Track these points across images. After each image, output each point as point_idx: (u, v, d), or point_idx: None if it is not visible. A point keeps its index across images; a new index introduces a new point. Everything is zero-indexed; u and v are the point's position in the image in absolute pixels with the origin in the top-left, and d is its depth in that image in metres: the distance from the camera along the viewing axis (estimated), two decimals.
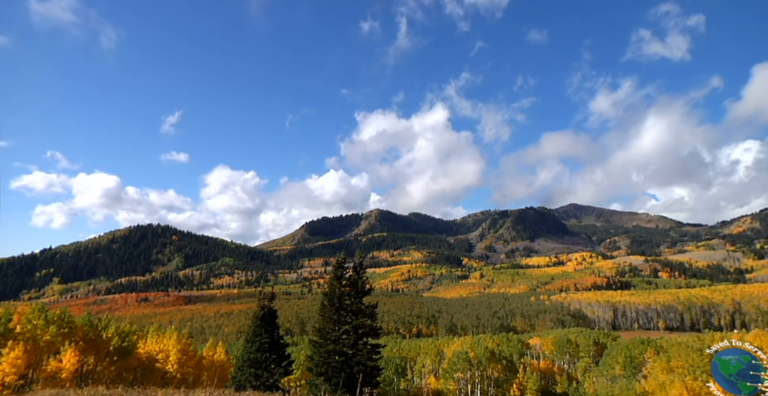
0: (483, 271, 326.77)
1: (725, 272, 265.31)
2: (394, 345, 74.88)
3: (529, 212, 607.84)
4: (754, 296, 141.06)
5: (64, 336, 27.26)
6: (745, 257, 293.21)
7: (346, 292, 21.84)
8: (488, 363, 58.23)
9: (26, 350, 24.58)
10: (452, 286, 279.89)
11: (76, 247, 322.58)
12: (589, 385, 53.61)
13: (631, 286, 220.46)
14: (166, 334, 36.11)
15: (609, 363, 53.27)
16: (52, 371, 26.26)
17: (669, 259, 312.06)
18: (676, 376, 33.41)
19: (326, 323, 21.57)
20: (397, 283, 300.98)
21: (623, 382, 45.30)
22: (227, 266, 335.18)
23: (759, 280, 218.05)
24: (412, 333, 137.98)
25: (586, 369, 66.58)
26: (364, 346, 20.86)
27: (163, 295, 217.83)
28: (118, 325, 32.85)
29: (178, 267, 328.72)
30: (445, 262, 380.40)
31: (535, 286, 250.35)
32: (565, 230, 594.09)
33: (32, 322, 26.17)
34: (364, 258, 29.17)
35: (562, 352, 77.21)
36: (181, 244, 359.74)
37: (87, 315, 30.68)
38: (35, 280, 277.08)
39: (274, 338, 23.37)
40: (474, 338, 77.55)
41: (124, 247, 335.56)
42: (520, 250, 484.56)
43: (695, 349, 36.04)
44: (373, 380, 20.77)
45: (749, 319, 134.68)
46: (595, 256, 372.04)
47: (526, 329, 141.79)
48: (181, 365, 34.33)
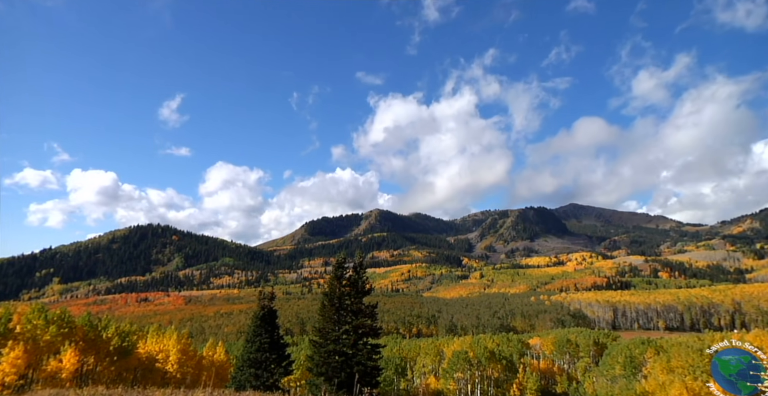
0: (483, 271, 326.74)
1: (725, 272, 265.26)
2: (394, 345, 74.83)
3: (529, 212, 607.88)
4: (754, 296, 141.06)
5: (64, 336, 27.26)
6: (745, 257, 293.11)
7: (346, 292, 21.84)
8: (488, 363, 58.20)
9: (26, 350, 24.58)
10: (452, 286, 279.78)
11: (76, 247, 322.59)
12: (589, 385, 53.56)
13: (631, 286, 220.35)
14: (166, 334, 36.10)
15: (609, 363, 53.24)
16: (52, 371, 26.25)
17: (669, 259, 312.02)
18: (676, 376, 33.41)
19: (326, 323, 21.57)
20: (397, 283, 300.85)
21: (623, 382, 45.29)
22: (227, 266, 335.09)
23: (759, 280, 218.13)
24: (412, 333, 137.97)
25: (586, 369, 66.58)
26: (364, 346, 20.85)
27: (163, 295, 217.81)
28: (118, 325, 32.86)
29: (178, 267, 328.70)
30: (445, 262, 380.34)
31: (535, 286, 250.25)
32: (565, 230, 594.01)
33: (32, 322, 26.18)
34: (364, 258, 29.01)
35: (562, 352, 77.18)
36: (181, 244, 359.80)
37: (87, 315, 30.68)
38: (35, 280, 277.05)
39: (274, 338, 23.39)
40: (474, 338, 77.43)
41: (124, 247, 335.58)
42: (520, 250, 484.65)
43: (695, 349, 36.05)
44: (373, 380, 20.76)
45: (749, 319, 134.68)
46: (595, 256, 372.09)
47: (526, 329, 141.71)
48: (181, 365, 34.34)
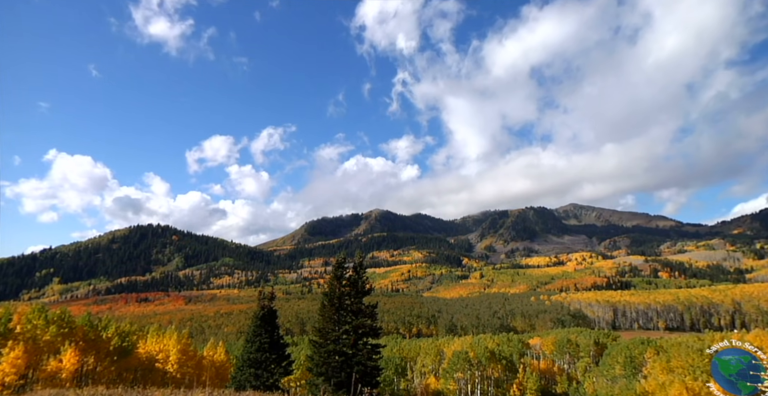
0: (483, 271, 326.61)
1: (725, 272, 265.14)
2: (394, 345, 74.86)
3: (529, 212, 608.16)
4: (754, 296, 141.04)
5: (64, 336, 27.27)
6: (745, 257, 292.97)
7: (346, 292, 21.82)
8: (488, 363, 58.21)
9: (26, 350, 24.60)
10: (452, 286, 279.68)
11: (76, 247, 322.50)
12: (589, 385, 53.55)
13: (631, 286, 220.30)
14: (166, 334, 36.10)
15: (609, 363, 53.24)
16: (52, 371, 26.23)
17: (669, 259, 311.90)
18: (676, 376, 33.41)
19: (326, 323, 21.55)
20: (397, 283, 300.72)
21: (623, 382, 45.27)
22: (227, 266, 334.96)
23: (759, 280, 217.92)
24: (412, 333, 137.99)
25: (586, 369, 66.58)
26: (364, 346, 20.84)
27: (163, 295, 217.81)
28: (118, 325, 32.88)
29: (178, 267, 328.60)
30: (445, 262, 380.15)
31: (535, 286, 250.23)
32: (565, 230, 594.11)
33: (32, 322, 26.20)
34: (364, 258, 29.06)
35: (562, 352, 77.16)
36: (181, 244, 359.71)
37: (87, 315, 30.70)
38: (35, 280, 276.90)
39: (274, 338, 23.38)
40: (474, 338, 77.49)
41: (124, 247, 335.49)
42: (520, 250, 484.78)
43: (695, 349, 36.07)
44: (373, 380, 20.75)
45: (749, 319, 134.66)
46: (595, 256, 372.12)
47: (526, 329, 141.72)
48: (181, 365, 34.34)
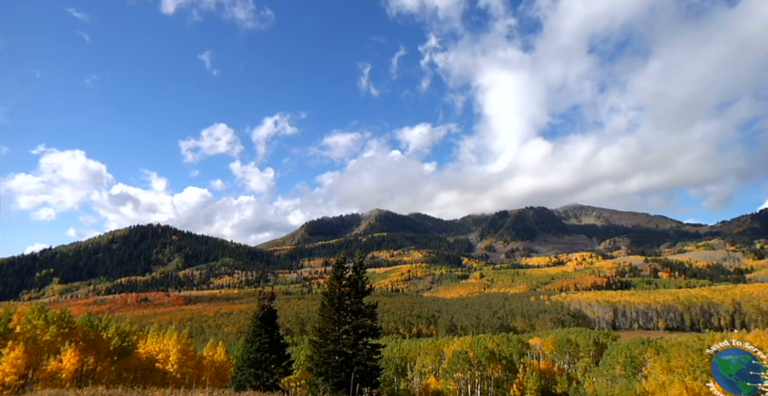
0: (483, 271, 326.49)
1: (725, 272, 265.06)
2: (394, 345, 74.88)
3: (529, 212, 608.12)
4: (754, 296, 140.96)
5: (64, 336, 27.27)
6: (745, 257, 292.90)
7: (346, 292, 21.81)
8: (488, 363, 58.19)
9: (26, 350, 24.59)
10: (452, 286, 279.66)
11: (76, 247, 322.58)
12: (589, 385, 53.53)
13: (631, 286, 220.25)
14: (166, 335, 36.10)
15: (609, 363, 53.22)
16: (52, 371, 26.23)
17: (669, 259, 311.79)
18: (676, 376, 33.42)
19: (326, 323, 21.54)
20: (397, 283, 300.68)
21: (623, 382, 45.27)
22: (227, 266, 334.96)
23: (759, 280, 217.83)
24: (412, 333, 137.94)
25: (586, 369, 66.54)
26: (364, 346, 20.83)
27: (163, 295, 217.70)
28: (118, 325, 32.86)
29: (178, 267, 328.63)
30: (445, 262, 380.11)
31: (535, 286, 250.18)
32: (565, 230, 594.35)
33: (32, 322, 26.20)
34: (364, 258, 29.10)
35: (562, 352, 77.15)
36: (181, 244, 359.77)
37: (87, 315, 30.69)
38: (35, 280, 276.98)
39: (274, 338, 23.38)
40: (474, 338, 77.39)
41: (124, 247, 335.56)
42: (520, 250, 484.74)
43: (695, 349, 36.07)
44: (373, 380, 20.75)
45: (749, 319, 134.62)
46: (595, 256, 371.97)
47: (526, 329, 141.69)
48: (181, 365, 34.33)
